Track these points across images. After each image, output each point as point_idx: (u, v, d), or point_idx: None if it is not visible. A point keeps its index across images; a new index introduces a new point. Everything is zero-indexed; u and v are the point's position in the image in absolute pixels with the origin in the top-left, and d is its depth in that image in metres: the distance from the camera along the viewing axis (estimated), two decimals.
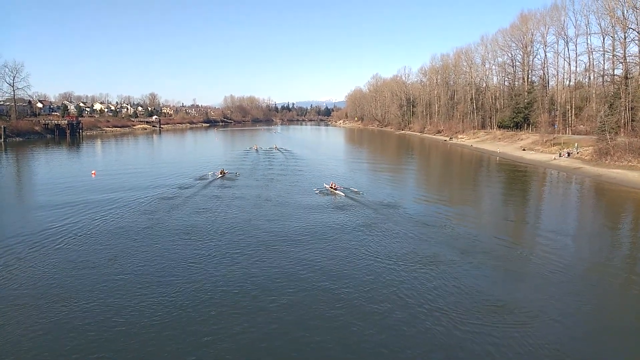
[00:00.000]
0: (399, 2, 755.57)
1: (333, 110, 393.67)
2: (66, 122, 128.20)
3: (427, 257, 21.47)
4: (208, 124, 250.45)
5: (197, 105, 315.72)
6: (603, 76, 79.61)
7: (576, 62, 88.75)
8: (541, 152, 70.95)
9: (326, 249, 22.89)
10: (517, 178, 53.16)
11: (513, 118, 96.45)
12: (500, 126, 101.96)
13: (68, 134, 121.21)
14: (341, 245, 23.40)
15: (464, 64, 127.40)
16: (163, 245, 23.44)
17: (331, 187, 39.46)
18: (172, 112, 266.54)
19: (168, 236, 24.93)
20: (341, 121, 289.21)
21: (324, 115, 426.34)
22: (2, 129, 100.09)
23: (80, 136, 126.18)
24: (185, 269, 19.96)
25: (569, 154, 62.67)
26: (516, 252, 23.39)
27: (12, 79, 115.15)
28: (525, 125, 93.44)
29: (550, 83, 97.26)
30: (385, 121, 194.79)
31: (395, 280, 18.69)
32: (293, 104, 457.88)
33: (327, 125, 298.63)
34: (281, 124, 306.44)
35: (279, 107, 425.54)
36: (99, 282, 18.36)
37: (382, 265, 20.46)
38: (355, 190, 38.50)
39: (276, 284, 18.23)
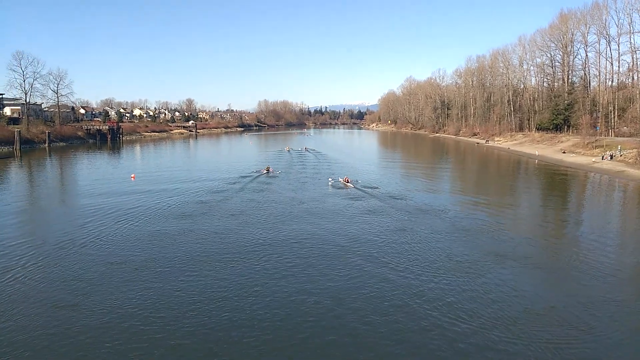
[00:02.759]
0: (434, 5, 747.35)
1: (366, 114, 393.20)
2: (107, 127, 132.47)
3: (464, 262, 21.06)
4: (242, 129, 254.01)
5: (232, 110, 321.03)
6: None
7: (619, 61, 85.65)
8: (582, 154, 68.64)
9: (359, 253, 22.73)
10: (558, 181, 51.60)
11: (552, 120, 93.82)
12: (539, 128, 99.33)
13: (109, 139, 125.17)
14: (375, 253, 23.15)
15: (501, 65, 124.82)
16: (208, 238, 23.90)
17: (344, 181, 43.70)
18: (207, 117, 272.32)
19: (211, 230, 25.44)
20: (374, 124, 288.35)
21: (356, 118, 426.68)
22: (47, 134, 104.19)
23: (121, 141, 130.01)
24: (224, 270, 20.17)
25: (611, 157, 60.43)
26: (558, 258, 22.68)
27: (57, 86, 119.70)
28: (565, 127, 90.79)
29: (592, 84, 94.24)
30: (419, 124, 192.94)
31: (431, 285, 18.37)
32: (326, 107, 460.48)
33: (359, 128, 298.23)
34: (314, 128, 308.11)
35: (312, 110, 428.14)
36: (134, 282, 18.74)
37: (418, 270, 20.15)
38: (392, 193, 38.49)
39: (314, 290, 18.29)
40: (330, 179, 45.04)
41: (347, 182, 43.33)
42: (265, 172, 52.82)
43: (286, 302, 16.93)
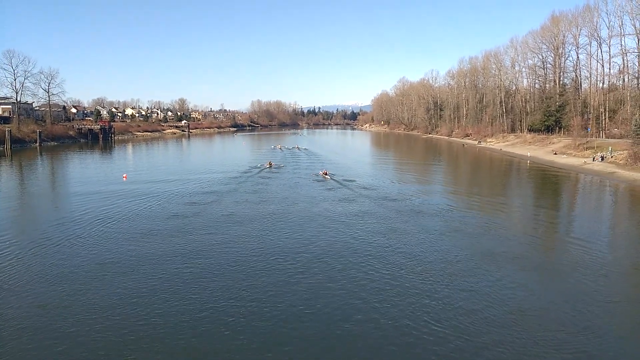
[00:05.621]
0: (426, 6, 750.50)
1: (359, 114, 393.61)
2: (99, 126, 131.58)
3: (456, 263, 21.10)
4: (235, 129, 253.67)
5: (225, 110, 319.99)
6: (638, 78, 77.18)
7: (610, 64, 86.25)
8: (573, 156, 69.14)
9: (350, 254, 22.76)
10: (549, 183, 51.92)
11: (544, 121, 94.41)
12: (531, 130, 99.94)
13: (100, 138, 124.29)
14: (364, 254, 23.13)
15: (493, 66, 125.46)
16: (202, 233, 23.81)
17: (323, 174, 49.50)
18: (200, 117, 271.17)
19: (208, 225, 25.38)
20: (367, 125, 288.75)
21: (349, 119, 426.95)
22: (38, 134, 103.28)
23: (112, 140, 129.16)
24: (218, 268, 20.07)
25: (602, 158, 60.91)
26: (550, 258, 22.84)
27: (48, 85, 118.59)
28: (557, 128, 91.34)
29: (583, 85, 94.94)
30: (412, 125, 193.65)
31: (422, 286, 18.38)
32: (319, 108, 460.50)
33: (353, 129, 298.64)
34: (307, 128, 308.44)
35: (305, 111, 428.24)
36: (124, 283, 18.53)
37: (408, 270, 20.14)
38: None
39: (312, 292, 18.24)
40: (313, 174, 51.11)
41: (326, 174, 49.11)
42: (268, 166, 59.14)
43: (282, 300, 16.84)
